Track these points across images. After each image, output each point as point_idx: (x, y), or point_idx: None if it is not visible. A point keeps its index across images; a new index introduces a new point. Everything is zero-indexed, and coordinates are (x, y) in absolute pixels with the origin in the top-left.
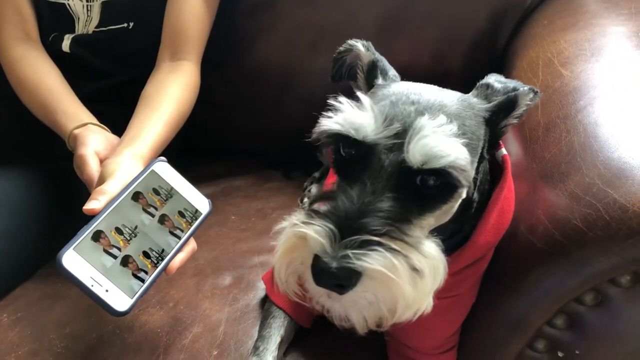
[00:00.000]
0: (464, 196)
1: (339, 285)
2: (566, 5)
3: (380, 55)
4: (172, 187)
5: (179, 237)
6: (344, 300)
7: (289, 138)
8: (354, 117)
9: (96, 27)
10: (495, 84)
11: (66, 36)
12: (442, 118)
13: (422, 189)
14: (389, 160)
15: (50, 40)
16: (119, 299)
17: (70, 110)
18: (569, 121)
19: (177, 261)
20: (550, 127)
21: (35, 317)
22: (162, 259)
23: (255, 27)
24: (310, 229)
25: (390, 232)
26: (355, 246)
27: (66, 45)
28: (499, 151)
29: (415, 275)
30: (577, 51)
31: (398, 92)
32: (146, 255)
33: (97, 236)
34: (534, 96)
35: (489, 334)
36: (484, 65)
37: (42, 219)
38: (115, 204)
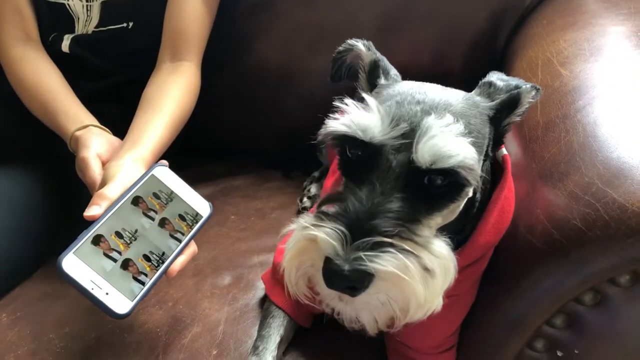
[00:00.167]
0: (470, 195)
1: (351, 288)
2: (565, 5)
3: (381, 55)
4: (172, 191)
5: (179, 240)
6: (355, 302)
7: (288, 138)
8: (360, 118)
9: (96, 27)
10: (498, 82)
11: (66, 36)
12: (449, 117)
13: (430, 188)
14: (397, 160)
15: (50, 40)
16: (119, 301)
17: (71, 112)
18: (568, 121)
19: (178, 264)
20: (550, 127)
21: (35, 316)
22: (162, 262)
23: (255, 26)
24: (321, 231)
25: (401, 233)
26: (367, 248)
27: (65, 45)
28: (499, 151)
29: (427, 275)
30: (576, 51)
31: (403, 91)
32: (146, 258)
33: (97, 240)
34: (536, 93)
35: (488, 334)
36: (483, 65)
37: (42, 218)
38: (115, 208)
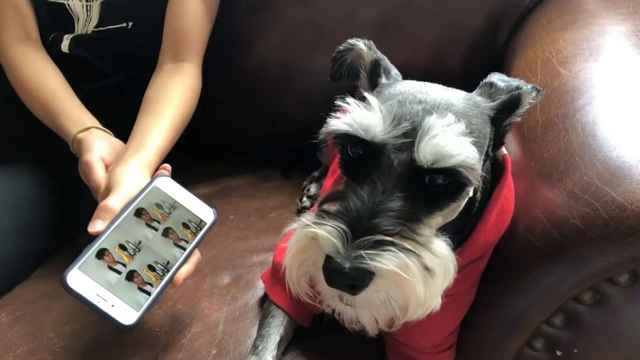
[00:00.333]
0: (471, 194)
1: (352, 286)
2: (565, 4)
3: (382, 54)
4: (175, 200)
5: (184, 249)
6: (356, 301)
7: (287, 137)
8: (362, 118)
9: (95, 27)
10: (499, 82)
11: (65, 36)
12: (451, 117)
13: (432, 188)
14: (399, 160)
15: (49, 40)
16: (125, 313)
17: (72, 113)
18: (567, 120)
19: (184, 272)
20: (549, 126)
21: (34, 316)
22: (167, 271)
23: (254, 26)
24: (322, 229)
25: (402, 232)
26: (368, 246)
27: (65, 45)
28: (499, 151)
29: (427, 275)
30: (575, 50)
31: (404, 91)
32: (151, 268)
33: (101, 254)
34: (536, 94)
35: (487, 333)
36: (483, 65)
37: (42, 218)
38: (118, 221)
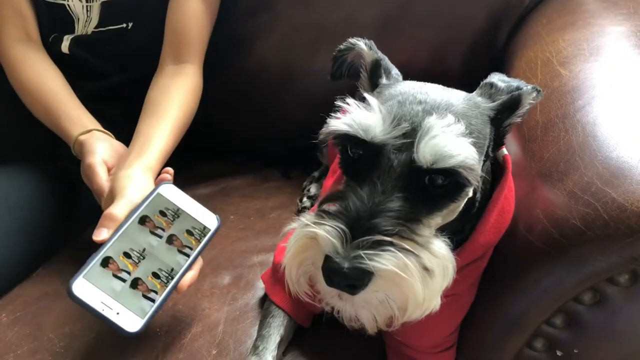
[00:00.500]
0: (470, 194)
1: (350, 286)
2: (565, 4)
3: (382, 54)
4: (178, 208)
5: (188, 255)
6: (355, 300)
7: (287, 137)
8: (362, 118)
9: (95, 28)
10: (499, 83)
11: (65, 37)
12: (450, 117)
13: (431, 188)
14: (398, 160)
15: (49, 41)
16: (130, 320)
17: (73, 115)
18: (567, 120)
19: (188, 279)
20: (549, 127)
21: (34, 316)
22: (172, 278)
23: (254, 27)
24: (321, 229)
25: (402, 232)
26: (367, 246)
27: (65, 46)
28: (500, 151)
29: (426, 275)
30: (575, 51)
31: (404, 91)
32: (155, 275)
33: (105, 262)
34: (536, 95)
35: (487, 333)
36: (483, 65)
37: (42, 218)
38: (122, 229)
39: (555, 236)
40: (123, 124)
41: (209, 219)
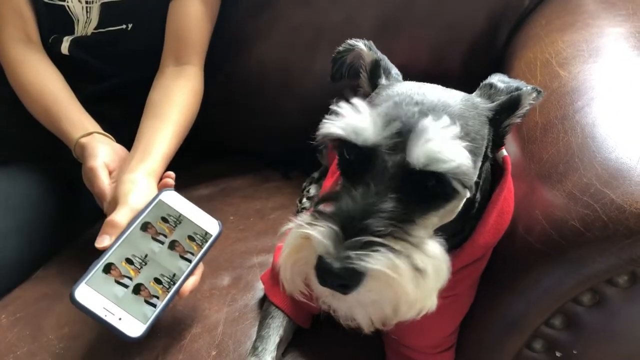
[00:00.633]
0: (468, 196)
1: (342, 286)
2: (564, 5)
3: (382, 54)
4: (180, 214)
5: (190, 261)
6: (348, 300)
7: (287, 138)
8: (353, 121)
9: (95, 29)
10: (499, 83)
11: (65, 38)
12: (446, 119)
13: (425, 189)
14: (392, 161)
15: (49, 42)
16: (132, 325)
17: (74, 117)
18: (566, 122)
19: (190, 284)
20: (548, 128)
21: (34, 317)
22: (173, 283)
23: (254, 27)
24: (314, 230)
25: (394, 233)
26: (358, 247)
27: (65, 47)
28: (499, 152)
29: (418, 275)
30: (575, 52)
31: (402, 92)
32: (157, 281)
33: (107, 268)
34: (537, 96)
35: (487, 334)
36: (482, 66)
37: (42, 219)
38: (124, 236)
39: (554, 237)
40: (123, 125)
41: (210, 224)
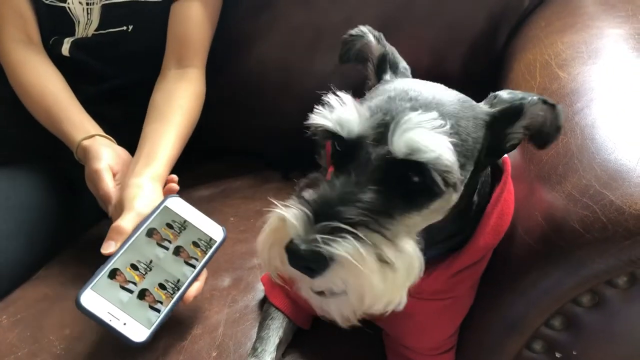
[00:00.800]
0: (455, 197)
1: (309, 269)
2: (564, 7)
3: (391, 47)
4: (185, 220)
5: (194, 267)
6: (314, 284)
7: (287, 138)
8: (339, 113)
9: (96, 30)
10: (504, 94)
11: (66, 40)
12: (434, 114)
13: (407, 184)
14: (376, 153)
15: (50, 44)
16: (136, 330)
17: (75, 119)
18: (566, 123)
19: (194, 290)
20: None
21: (35, 318)
22: (178, 289)
23: (254, 28)
24: (289, 212)
25: (367, 223)
26: (325, 232)
27: (66, 49)
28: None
29: (386, 268)
30: (574, 53)
31: (398, 88)
32: (162, 286)
33: (113, 274)
34: (546, 107)
35: (487, 335)
36: (482, 67)
37: (43, 220)
38: (130, 242)
39: (554, 239)
40: (124, 126)
41: (215, 230)
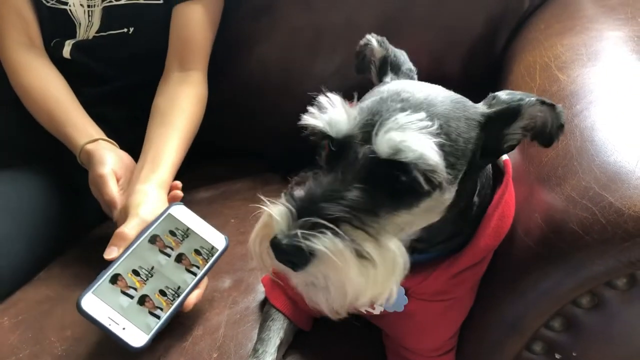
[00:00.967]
0: (447, 197)
1: (291, 263)
2: (563, 9)
3: (395, 50)
4: (188, 227)
5: (195, 274)
6: (299, 278)
7: (287, 139)
8: (329, 114)
9: (97, 32)
10: (502, 95)
11: (67, 42)
12: (421, 115)
13: (395, 183)
14: (363, 152)
15: (51, 46)
16: (135, 335)
17: (78, 123)
18: (565, 125)
19: (194, 297)
20: None
21: (36, 320)
22: (178, 295)
23: (255, 29)
24: (275, 209)
25: (350, 220)
26: (306, 227)
27: (67, 51)
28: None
29: (366, 264)
30: (573, 56)
31: (392, 89)
32: (162, 293)
33: (114, 279)
34: (544, 107)
35: (487, 336)
36: (482, 69)
37: (44, 221)
38: (133, 248)
39: (553, 240)
40: (126, 128)
41: (217, 239)
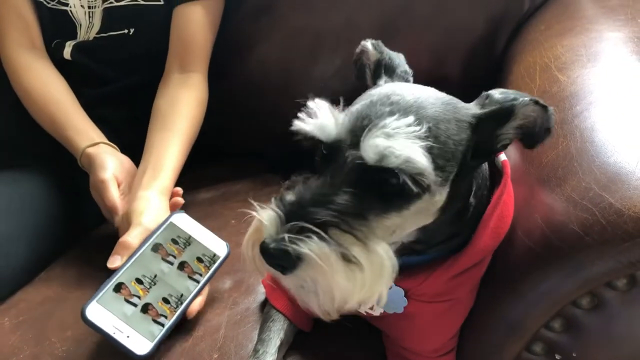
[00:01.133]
0: (438, 198)
1: (281, 266)
2: (563, 10)
3: (390, 52)
4: (190, 236)
5: (198, 282)
6: (288, 281)
7: (287, 141)
8: (319, 119)
9: (97, 34)
10: (496, 94)
11: (68, 43)
12: (409, 119)
13: (384, 186)
14: (351, 156)
15: (52, 47)
16: (139, 343)
17: (79, 126)
18: (565, 126)
19: (197, 304)
20: None
21: (37, 320)
22: (181, 303)
23: (254, 30)
24: (264, 213)
25: (338, 224)
26: (293, 231)
27: (67, 52)
28: (498, 157)
29: (353, 267)
30: (573, 56)
31: (382, 92)
32: (165, 301)
33: (118, 288)
34: (537, 108)
35: (487, 337)
36: (482, 70)
37: (44, 222)
38: (136, 257)
39: (553, 241)
40: (125, 128)
41: (219, 246)
